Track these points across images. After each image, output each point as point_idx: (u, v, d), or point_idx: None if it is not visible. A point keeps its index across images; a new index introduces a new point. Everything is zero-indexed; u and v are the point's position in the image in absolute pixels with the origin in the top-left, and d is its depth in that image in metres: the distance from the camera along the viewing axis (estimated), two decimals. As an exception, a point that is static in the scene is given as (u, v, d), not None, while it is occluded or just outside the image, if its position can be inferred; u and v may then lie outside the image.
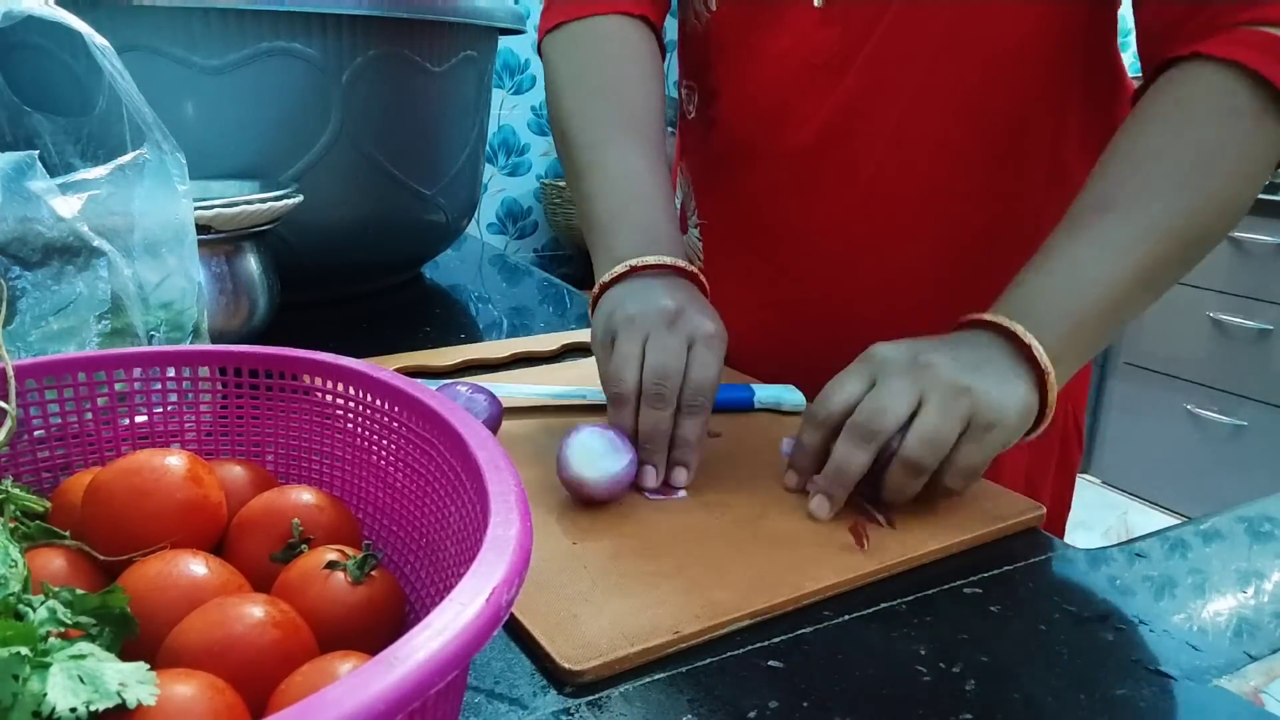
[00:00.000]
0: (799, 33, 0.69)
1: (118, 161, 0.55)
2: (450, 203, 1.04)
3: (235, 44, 0.82)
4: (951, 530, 0.51)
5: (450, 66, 0.97)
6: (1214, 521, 0.55)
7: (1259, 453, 2.37)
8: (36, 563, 0.34)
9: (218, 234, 0.71)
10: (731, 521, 0.52)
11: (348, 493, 0.43)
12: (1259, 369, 2.35)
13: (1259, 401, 2.36)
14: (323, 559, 0.35)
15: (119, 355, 0.43)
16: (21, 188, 0.51)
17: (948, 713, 0.38)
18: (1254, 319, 2.34)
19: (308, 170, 0.89)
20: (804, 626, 0.43)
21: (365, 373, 0.41)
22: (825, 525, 0.51)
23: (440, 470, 0.37)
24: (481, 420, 0.58)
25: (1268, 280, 2.31)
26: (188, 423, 0.45)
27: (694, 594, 0.44)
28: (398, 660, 0.22)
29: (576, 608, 0.43)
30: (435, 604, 0.25)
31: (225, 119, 0.85)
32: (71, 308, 0.54)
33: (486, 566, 0.26)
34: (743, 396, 0.68)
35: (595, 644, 0.41)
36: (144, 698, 0.26)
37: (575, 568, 0.47)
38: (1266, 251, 2.30)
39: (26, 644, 0.26)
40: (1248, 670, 0.41)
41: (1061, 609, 0.45)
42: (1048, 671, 0.40)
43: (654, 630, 0.42)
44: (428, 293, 1.10)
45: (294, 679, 0.29)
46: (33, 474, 0.42)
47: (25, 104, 0.71)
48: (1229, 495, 2.35)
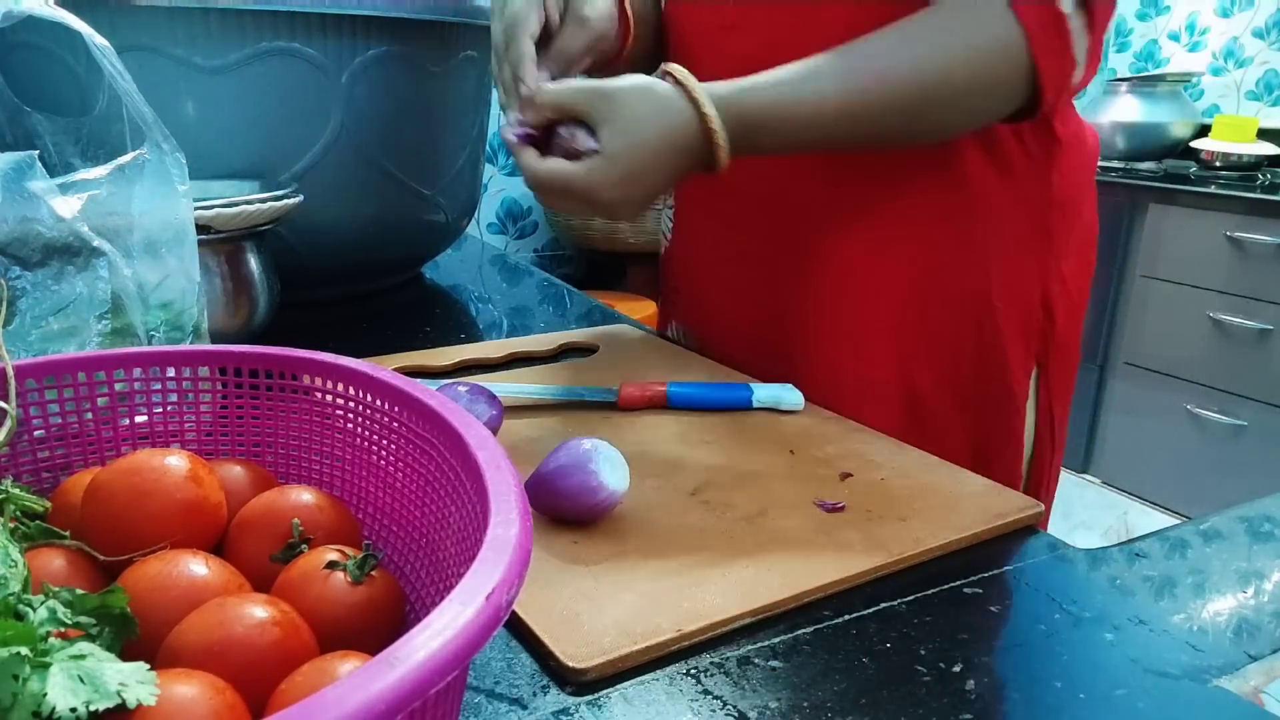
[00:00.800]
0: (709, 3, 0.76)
1: (118, 161, 0.55)
2: (450, 203, 1.04)
3: (235, 44, 0.82)
4: (950, 528, 0.51)
5: (450, 66, 0.97)
6: (1214, 521, 0.55)
7: (1259, 453, 2.37)
8: (36, 563, 0.34)
9: (218, 234, 0.71)
10: (732, 520, 0.52)
11: (348, 493, 0.43)
12: (1259, 369, 2.35)
13: (1259, 401, 2.36)
14: (323, 559, 0.35)
15: (119, 355, 0.43)
16: (21, 188, 0.51)
17: (948, 713, 0.38)
18: (1254, 319, 2.34)
19: (308, 170, 0.89)
20: (804, 626, 0.43)
21: (365, 373, 0.41)
22: (825, 525, 0.51)
23: (440, 470, 0.37)
24: (482, 422, 0.58)
25: (1268, 280, 2.31)
26: (188, 423, 0.45)
27: (696, 592, 0.45)
28: (398, 660, 0.22)
29: (578, 605, 0.43)
30: (435, 604, 0.25)
31: (225, 119, 0.85)
32: (71, 308, 0.54)
33: (486, 566, 0.26)
34: (741, 396, 0.68)
35: (598, 642, 0.41)
36: (144, 698, 0.26)
37: (577, 567, 0.47)
38: (1266, 251, 2.30)
39: (26, 644, 0.26)
40: (1248, 670, 0.41)
41: (1061, 609, 0.45)
42: (1048, 671, 0.40)
43: (656, 628, 0.42)
44: (428, 293, 1.10)
45: (294, 679, 0.29)
46: (33, 474, 0.42)
47: (25, 104, 0.71)
48: (1229, 495, 2.35)
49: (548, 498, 0.50)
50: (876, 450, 0.62)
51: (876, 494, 0.55)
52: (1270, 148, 2.60)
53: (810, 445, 0.62)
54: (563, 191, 0.62)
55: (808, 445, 0.62)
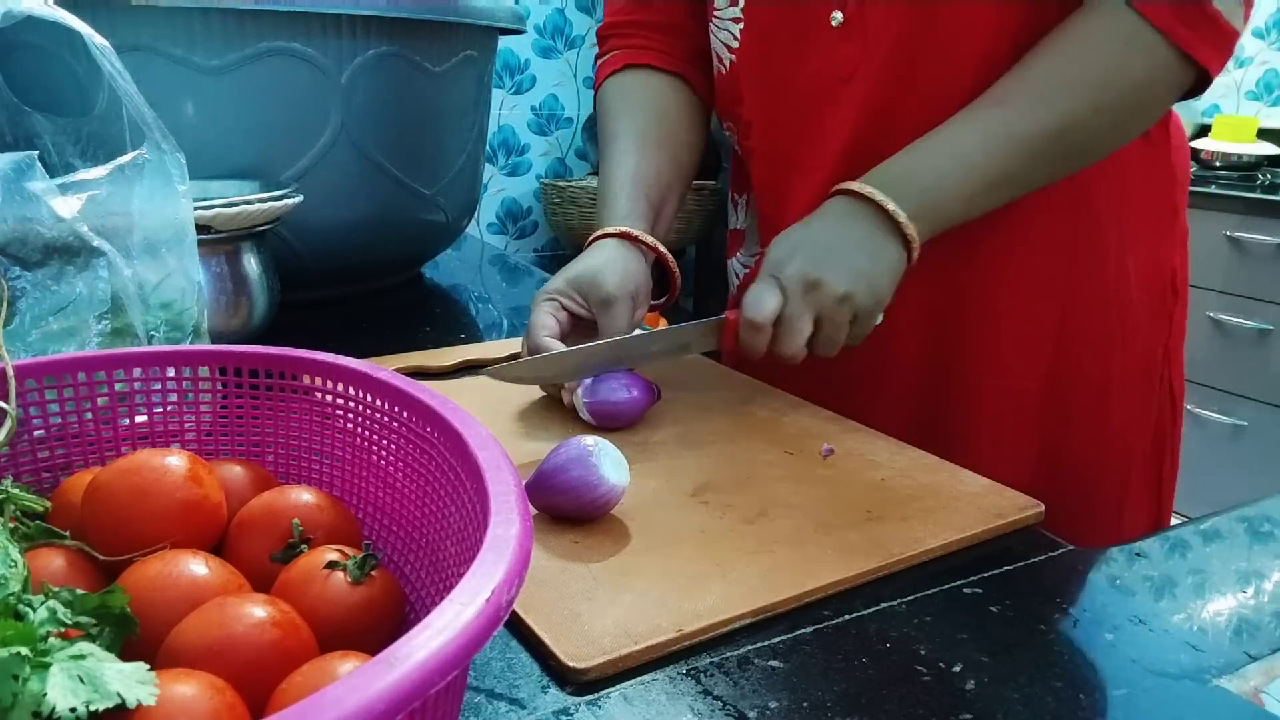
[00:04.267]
0: (823, 52, 0.73)
1: (117, 161, 0.55)
2: (450, 203, 1.04)
3: (235, 44, 0.82)
4: (951, 528, 0.51)
5: (450, 66, 0.97)
6: (1214, 521, 0.55)
7: (1259, 453, 2.36)
8: (36, 563, 0.34)
9: (218, 234, 0.71)
10: (733, 521, 0.52)
11: (348, 493, 0.43)
12: (1259, 369, 2.35)
13: (1259, 401, 2.36)
14: (323, 559, 0.35)
15: (119, 355, 0.43)
16: (21, 188, 0.51)
17: (948, 713, 0.38)
18: (1254, 319, 2.34)
19: (308, 170, 0.89)
20: (804, 626, 0.43)
21: (365, 373, 0.41)
22: (824, 522, 0.51)
23: (440, 470, 0.37)
24: (646, 401, 0.64)
25: (1268, 280, 2.31)
26: (188, 423, 0.45)
27: (696, 593, 0.45)
28: (398, 660, 0.22)
29: (579, 605, 0.43)
30: (435, 604, 0.25)
31: (225, 119, 0.85)
32: (71, 308, 0.54)
33: (486, 566, 0.26)
34: None
35: (599, 641, 0.41)
36: (144, 698, 0.26)
37: (577, 565, 0.47)
38: (1266, 251, 2.30)
39: (26, 644, 0.26)
40: (1248, 670, 0.41)
41: (1061, 609, 0.45)
42: (1048, 671, 0.40)
43: (657, 628, 0.42)
44: (428, 293, 1.10)
45: (294, 679, 0.29)
46: (33, 474, 0.42)
47: (25, 104, 0.71)
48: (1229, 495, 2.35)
49: (549, 495, 0.50)
50: (877, 450, 0.61)
51: (876, 494, 0.55)
52: (1270, 148, 2.59)
53: (810, 445, 0.62)
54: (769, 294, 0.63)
55: (806, 445, 0.62)
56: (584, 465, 0.50)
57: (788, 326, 0.63)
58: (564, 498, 0.50)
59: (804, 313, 0.63)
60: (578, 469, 0.50)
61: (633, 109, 0.82)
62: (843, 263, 0.63)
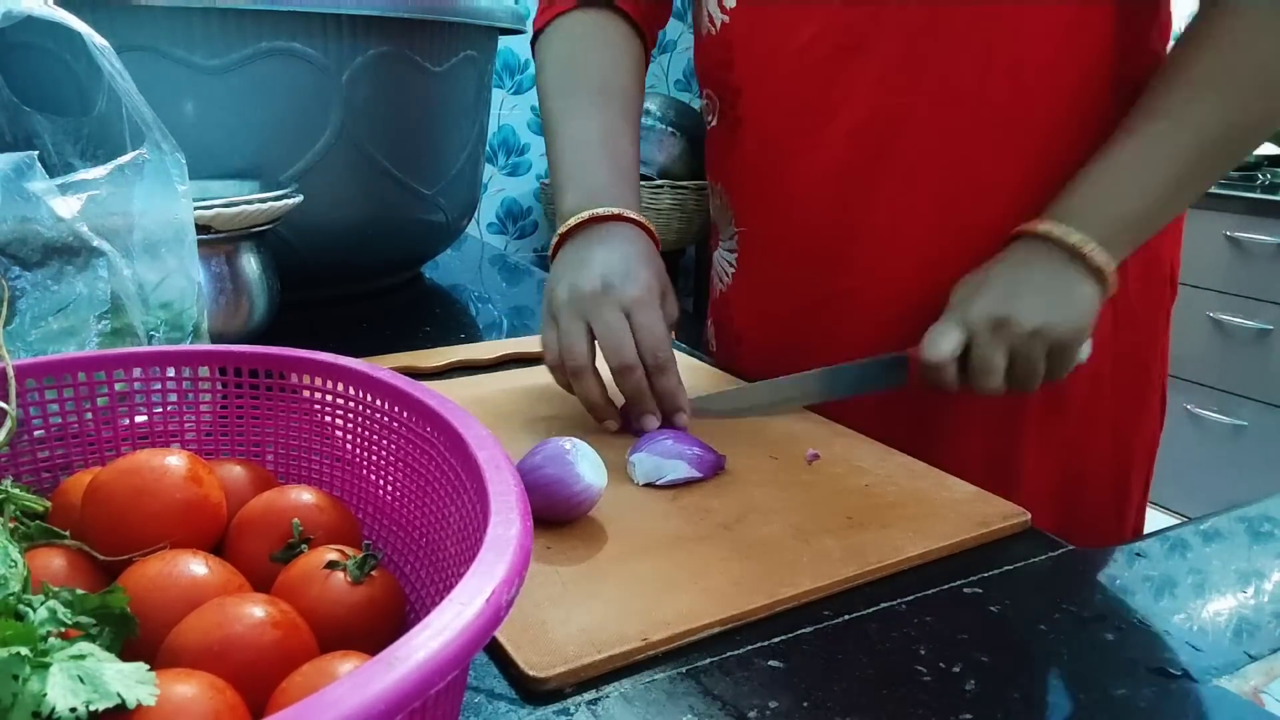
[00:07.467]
0: (825, 18, 0.70)
1: (117, 161, 0.55)
2: (450, 203, 1.04)
3: (235, 44, 0.82)
4: (933, 536, 0.50)
5: (450, 66, 0.97)
6: (1214, 521, 0.55)
7: (1259, 453, 2.37)
8: (36, 563, 0.34)
9: (218, 234, 0.71)
10: (710, 526, 0.51)
11: (348, 493, 0.43)
12: (1259, 369, 2.35)
13: (1259, 401, 2.36)
14: (323, 559, 0.35)
15: (119, 355, 0.43)
16: (21, 188, 0.51)
17: (948, 713, 0.38)
18: (1254, 319, 2.34)
19: (308, 170, 0.89)
20: (804, 626, 0.43)
21: (365, 372, 0.41)
22: (803, 529, 0.50)
23: (440, 470, 0.37)
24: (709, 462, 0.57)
25: (1268, 280, 2.31)
26: (188, 423, 0.45)
27: (666, 600, 0.44)
28: (398, 660, 0.22)
29: (545, 613, 0.42)
30: (435, 604, 0.25)
31: (225, 119, 0.85)
32: (71, 308, 0.54)
33: (486, 566, 0.26)
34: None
35: (562, 650, 0.40)
36: (144, 698, 0.26)
37: (548, 571, 0.46)
38: (1266, 251, 2.30)
39: (26, 644, 0.26)
40: (1248, 670, 0.41)
41: (1061, 609, 0.45)
42: (1048, 671, 0.40)
43: (622, 637, 0.41)
44: (428, 293, 1.10)
45: (294, 679, 0.29)
46: (33, 474, 0.42)
47: (25, 104, 0.71)
48: (1229, 495, 2.35)
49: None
50: (862, 455, 0.61)
51: (859, 500, 0.54)
52: (1270, 148, 2.59)
53: (796, 449, 0.61)
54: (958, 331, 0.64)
55: (791, 449, 0.61)
56: (560, 464, 0.49)
57: (980, 364, 0.64)
58: (538, 496, 0.49)
59: (995, 351, 0.63)
60: (553, 467, 0.49)
61: (589, 58, 0.78)
62: (1029, 298, 0.63)
